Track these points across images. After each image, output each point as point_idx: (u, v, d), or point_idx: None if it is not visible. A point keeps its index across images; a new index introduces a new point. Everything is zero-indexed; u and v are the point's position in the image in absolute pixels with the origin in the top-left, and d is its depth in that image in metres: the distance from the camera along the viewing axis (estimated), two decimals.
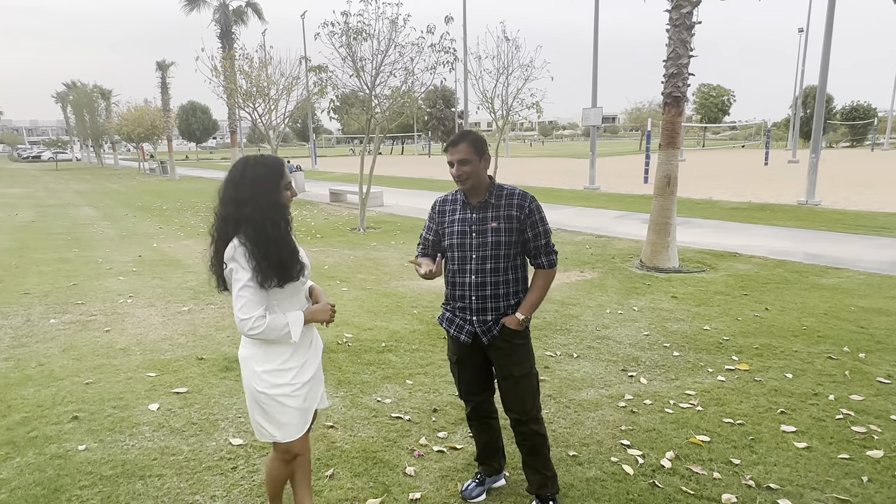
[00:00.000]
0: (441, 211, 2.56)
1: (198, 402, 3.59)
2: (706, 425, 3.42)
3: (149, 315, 5.53)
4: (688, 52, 7.36)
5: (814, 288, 6.53)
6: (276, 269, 1.96)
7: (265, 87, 15.87)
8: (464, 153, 2.38)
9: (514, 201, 2.44)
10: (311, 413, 2.18)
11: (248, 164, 2.03)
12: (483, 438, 2.73)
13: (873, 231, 10.11)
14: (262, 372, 2.06)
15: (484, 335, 2.46)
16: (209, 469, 2.85)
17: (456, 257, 2.48)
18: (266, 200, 1.98)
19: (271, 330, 1.97)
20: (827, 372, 4.19)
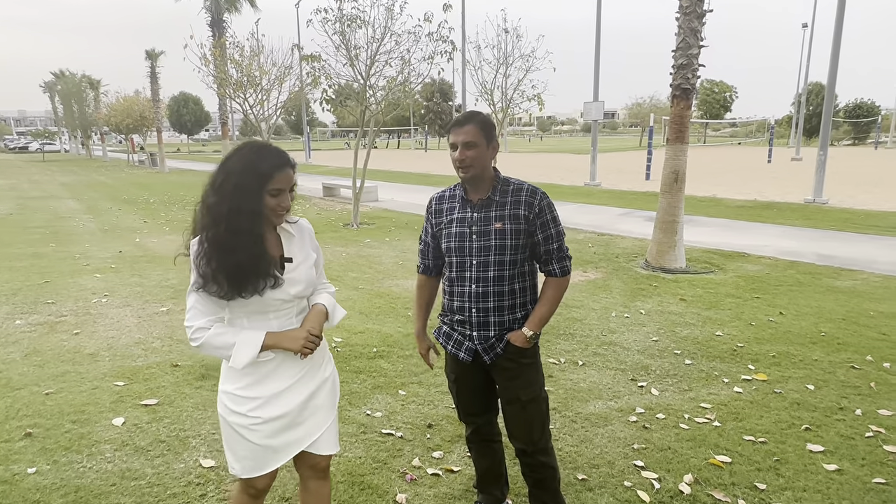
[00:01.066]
0: (437, 210, 2.24)
1: (168, 416, 3.31)
2: (725, 443, 3.16)
3: (123, 316, 5.23)
4: (698, 41, 7.08)
5: (829, 291, 6.29)
6: (221, 278, 1.65)
7: (256, 77, 15.53)
8: (470, 135, 2.05)
9: (521, 198, 2.12)
10: (285, 452, 1.83)
11: (239, 151, 1.72)
12: (484, 463, 2.45)
13: (885, 231, 9.88)
14: (222, 392, 1.80)
15: (486, 353, 2.16)
16: (174, 497, 2.56)
17: (455, 263, 2.17)
18: (234, 200, 1.64)
19: (212, 347, 1.69)
20: (851, 383, 3.94)
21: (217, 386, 1.80)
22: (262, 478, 1.84)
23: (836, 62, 13.33)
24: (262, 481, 1.85)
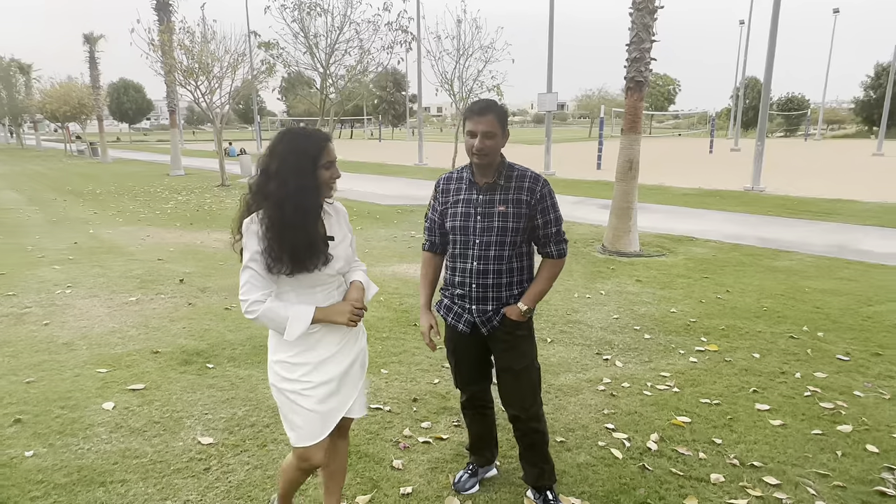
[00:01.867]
0: (445, 190, 2.37)
1: (158, 400, 3.35)
2: (685, 406, 3.48)
3: (92, 306, 5.14)
4: (650, 36, 7.45)
5: (769, 270, 6.81)
6: (288, 257, 1.78)
7: (208, 64, 15.12)
8: (491, 125, 2.15)
9: (524, 184, 2.25)
10: (331, 418, 1.96)
11: (285, 136, 1.86)
12: (477, 429, 2.62)
13: (817, 216, 10.68)
14: (274, 362, 1.93)
15: (483, 325, 2.31)
16: (178, 472, 2.64)
17: (458, 241, 2.31)
18: (293, 179, 1.78)
19: (268, 319, 1.82)
20: (790, 351, 4.36)
21: (202, 371, 1.88)
22: (317, 452, 1.95)
23: (772, 59, 14.17)
24: (317, 456, 1.96)
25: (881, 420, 3.31)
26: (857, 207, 11.63)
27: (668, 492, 2.62)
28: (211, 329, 4.62)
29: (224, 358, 4.02)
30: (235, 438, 2.95)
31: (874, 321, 5.00)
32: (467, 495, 2.57)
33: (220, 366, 3.89)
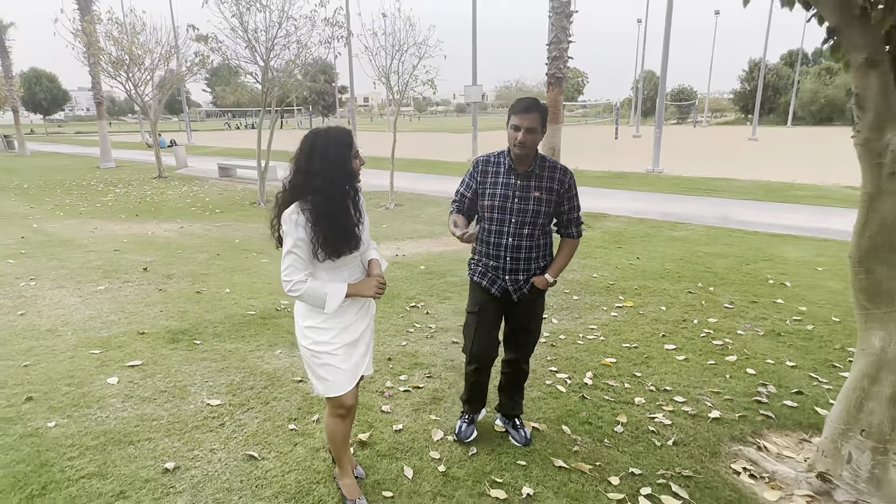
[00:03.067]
0: (484, 171, 2.51)
1: (158, 373, 3.48)
2: (611, 350, 4.03)
3: (63, 296, 5.04)
4: (567, 37, 8.01)
5: (669, 239, 7.64)
6: (331, 244, 1.97)
7: (139, 56, 14.31)
8: (533, 122, 2.31)
9: (556, 175, 2.46)
10: (356, 372, 2.17)
11: (319, 136, 2.00)
12: (475, 389, 2.79)
13: (706, 193, 11.84)
14: (305, 328, 2.12)
15: (515, 293, 2.52)
16: (197, 428, 2.85)
17: (495, 218, 2.47)
18: (337, 171, 1.96)
19: (309, 297, 2.01)
20: (689, 303, 5.06)
21: (192, 346, 1.92)
22: (347, 398, 2.16)
23: (667, 55, 15.31)
24: (348, 399, 2.16)
25: (757, 351, 4.01)
26: (736, 185, 12.97)
27: (604, 413, 3.14)
28: (188, 311, 4.70)
29: (209, 335, 4.16)
30: (240, 399, 3.17)
31: (751, 276, 5.84)
32: (452, 430, 2.95)
33: (206, 342, 4.03)
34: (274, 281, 5.66)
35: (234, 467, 2.52)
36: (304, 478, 2.46)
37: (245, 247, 7.31)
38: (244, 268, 6.22)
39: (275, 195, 2.09)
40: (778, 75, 49.97)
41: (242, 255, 6.87)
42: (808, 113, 45.99)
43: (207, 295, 5.17)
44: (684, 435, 2.91)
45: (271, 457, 2.61)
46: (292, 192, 2.00)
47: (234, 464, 2.55)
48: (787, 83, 48.13)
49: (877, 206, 2.23)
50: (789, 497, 2.43)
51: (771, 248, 7.07)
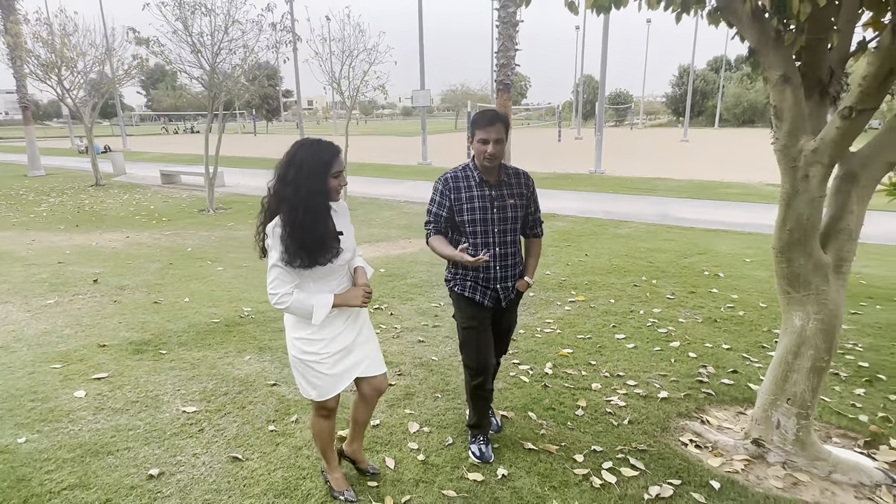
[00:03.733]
0: (455, 188, 2.52)
1: (127, 384, 3.44)
2: (567, 342, 4.30)
3: (9, 312, 4.82)
4: (514, 46, 8.33)
5: (614, 237, 8.08)
6: (304, 253, 1.98)
7: (72, 59, 13.61)
8: (500, 132, 2.38)
9: (521, 180, 2.58)
10: (345, 378, 2.22)
11: (301, 147, 2.03)
12: (483, 408, 2.75)
13: (645, 192, 12.52)
14: (295, 339, 2.16)
15: (505, 299, 2.62)
16: (176, 435, 2.86)
17: (478, 232, 2.52)
18: (306, 185, 1.96)
19: (296, 309, 2.05)
20: (635, 295, 5.42)
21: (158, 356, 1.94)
22: (331, 401, 2.24)
23: (605, 62, 16.03)
24: (331, 402, 2.25)
25: (697, 336, 4.38)
26: (672, 184, 13.78)
27: (565, 399, 3.37)
28: (149, 321, 4.62)
29: (174, 344, 4.12)
30: (215, 405, 3.20)
31: (689, 269, 6.31)
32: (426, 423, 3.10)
33: (172, 351, 4.00)
34: (234, 289, 5.62)
35: (220, 469, 2.57)
36: (291, 475, 2.55)
37: (199, 255, 7.17)
38: (201, 276, 6.12)
39: (261, 200, 2.10)
40: (705, 80, 53.05)
41: (197, 263, 6.75)
42: (733, 115, 49.09)
43: (166, 305, 5.08)
44: (637, 414, 3.18)
45: (255, 457, 2.68)
46: (273, 199, 2.04)
47: (218, 466, 2.60)
48: (713, 88, 51.15)
49: (793, 204, 2.56)
50: (729, 462, 2.74)
51: (705, 243, 7.63)
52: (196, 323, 4.60)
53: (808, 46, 2.55)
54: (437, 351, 4.11)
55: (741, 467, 2.70)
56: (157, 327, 4.48)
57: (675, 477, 2.59)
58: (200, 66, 10.06)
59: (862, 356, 3.99)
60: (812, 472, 2.64)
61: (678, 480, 2.56)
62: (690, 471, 2.64)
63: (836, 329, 2.62)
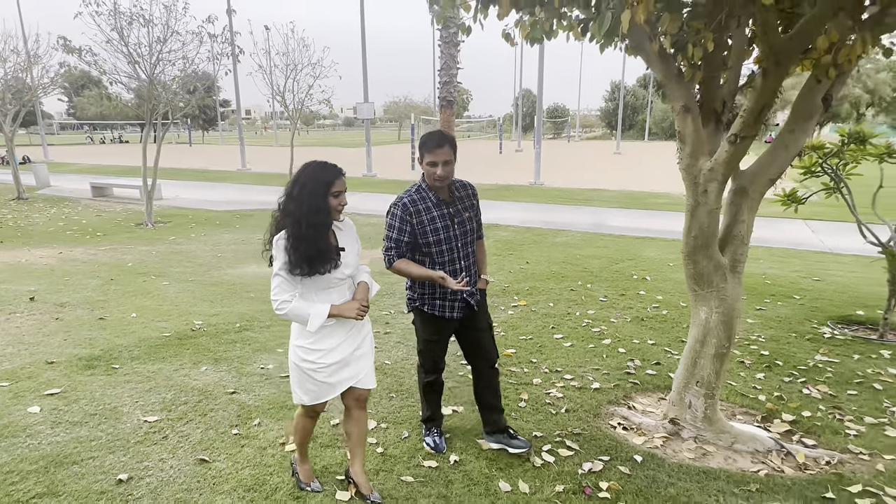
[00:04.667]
0: (416, 211, 2.63)
1: (82, 398, 3.46)
2: (510, 342, 4.65)
3: None
4: (456, 64, 8.76)
5: (553, 245, 8.60)
6: (305, 262, 2.17)
7: None
8: (447, 154, 2.54)
9: (468, 192, 2.78)
10: (339, 387, 2.37)
11: (307, 168, 2.23)
12: (436, 402, 3.03)
13: (581, 202, 13.26)
14: (297, 346, 2.33)
15: (476, 303, 2.82)
16: (140, 443, 2.95)
17: (444, 250, 2.67)
18: (309, 202, 2.16)
19: (294, 315, 2.21)
20: (572, 299, 5.88)
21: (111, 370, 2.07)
22: (321, 406, 2.42)
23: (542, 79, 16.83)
24: (320, 407, 2.44)
25: (626, 334, 4.85)
26: (606, 195, 14.65)
27: (509, 393, 3.70)
28: (96, 338, 4.59)
29: (126, 358, 4.14)
30: (177, 414, 3.29)
31: (620, 273, 6.86)
32: (383, 420, 3.33)
33: (125, 365, 4.02)
34: (182, 303, 5.63)
35: (188, 471, 2.70)
36: (258, 472, 2.72)
37: (141, 270, 7.06)
38: (146, 291, 6.06)
39: (271, 213, 2.29)
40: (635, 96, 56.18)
41: (140, 278, 6.65)
42: (661, 129, 52.21)
43: (112, 321, 5.04)
44: (573, 404, 3.56)
45: (222, 458, 2.82)
46: (281, 213, 2.23)
47: (187, 468, 2.73)
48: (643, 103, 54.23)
49: (696, 215, 3.02)
50: (651, 439, 3.14)
51: (635, 249, 8.27)
52: (146, 337, 4.61)
53: (705, 82, 3.03)
54: (390, 356, 4.35)
55: (660, 443, 3.11)
56: (106, 343, 4.47)
57: (604, 454, 2.96)
58: (137, 76, 9.86)
59: (764, 346, 4.58)
60: (718, 444, 3.09)
61: (607, 457, 2.93)
62: (618, 448, 3.02)
63: (734, 320, 3.09)
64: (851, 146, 4.70)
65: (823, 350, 4.49)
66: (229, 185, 17.62)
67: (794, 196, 5.13)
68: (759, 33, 2.51)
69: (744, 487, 2.68)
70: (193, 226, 10.53)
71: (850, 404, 3.58)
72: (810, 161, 4.95)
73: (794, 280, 6.62)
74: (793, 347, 4.56)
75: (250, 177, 20.24)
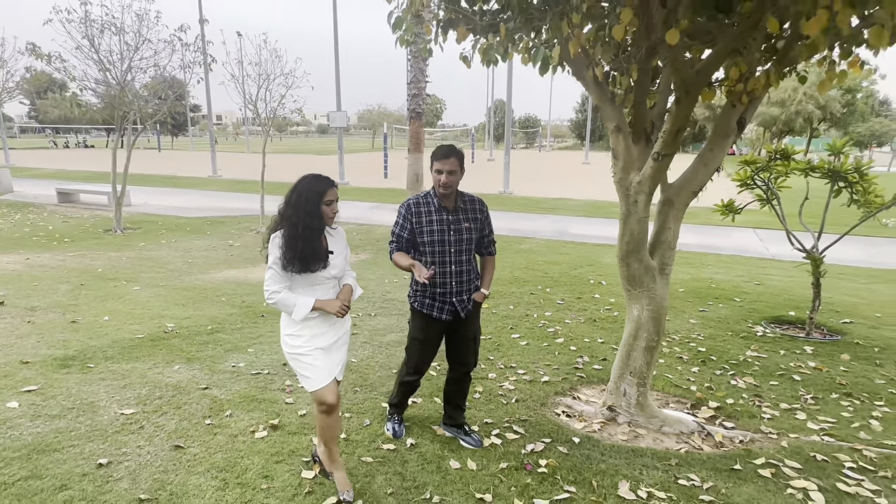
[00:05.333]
0: (417, 212, 2.90)
1: (59, 394, 3.63)
2: None
3: None
4: (424, 78, 9.11)
5: (517, 251, 8.99)
6: (298, 260, 2.44)
7: None
8: (454, 165, 2.79)
9: (475, 206, 3.00)
10: (330, 371, 2.59)
11: (304, 179, 2.52)
12: (407, 394, 3.29)
13: (546, 211, 13.75)
14: (285, 335, 2.59)
15: (463, 311, 2.98)
16: (118, 432, 3.16)
17: (436, 252, 2.89)
18: (304, 208, 2.44)
19: (282, 304, 2.48)
20: (531, 302, 6.25)
21: (86, 369, 2.23)
22: (328, 393, 2.56)
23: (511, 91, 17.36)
24: (329, 396, 2.56)
25: (579, 334, 5.23)
26: (571, 204, 15.19)
27: None
28: (69, 340, 4.73)
29: (101, 358, 4.31)
30: (152, 407, 3.51)
31: (578, 279, 7.28)
32: (347, 410, 3.61)
33: (100, 364, 4.20)
34: (154, 307, 5.79)
35: (165, 456, 2.93)
36: (230, 455, 2.97)
37: (111, 276, 7.16)
38: (117, 296, 6.19)
39: (272, 218, 2.58)
40: None
41: (110, 283, 6.76)
42: None
43: (85, 324, 5.18)
44: (523, 395, 3.89)
45: (196, 445, 3.06)
46: (280, 216, 2.52)
47: (163, 454, 2.96)
48: None
49: (628, 222, 3.40)
50: (590, 424, 3.50)
51: (594, 256, 8.72)
52: (120, 339, 4.78)
53: (635, 105, 3.43)
54: (356, 354, 4.63)
55: (598, 427, 3.47)
56: (80, 344, 4.62)
57: (547, 437, 3.30)
58: (108, 83, 9.92)
59: (701, 344, 5.01)
60: (648, 427, 3.47)
61: (549, 439, 3.27)
62: (559, 432, 3.37)
63: (662, 316, 3.48)
64: (778, 161, 5.21)
65: (754, 347, 4.94)
66: (200, 192, 17.58)
67: (731, 206, 5.62)
68: (671, 68, 2.92)
69: (665, 462, 3.05)
70: (164, 232, 10.59)
71: (770, 393, 4.02)
72: (745, 175, 5.45)
73: (737, 284, 7.13)
74: (727, 345, 5.00)
75: (221, 183, 20.20)
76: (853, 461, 3.07)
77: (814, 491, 2.78)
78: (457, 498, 2.70)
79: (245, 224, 11.51)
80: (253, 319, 5.50)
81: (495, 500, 2.68)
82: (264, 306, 5.89)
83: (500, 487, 2.79)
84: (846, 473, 2.95)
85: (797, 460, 3.07)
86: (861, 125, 42.58)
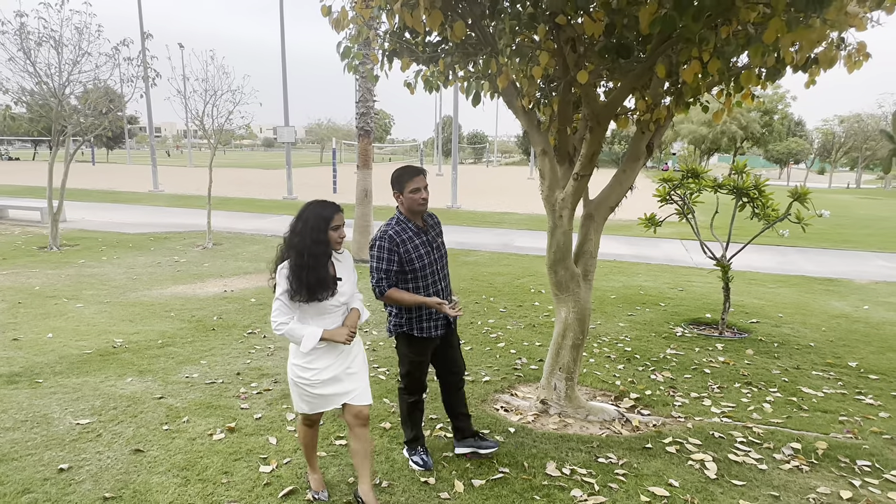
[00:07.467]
0: (401, 242, 2.86)
1: (11, 408, 3.67)
2: None
3: None
4: (372, 97, 9.45)
5: (463, 264, 9.41)
6: (305, 290, 2.44)
7: None
8: (426, 181, 2.89)
9: (436, 220, 3.12)
10: (332, 400, 2.61)
11: (309, 205, 2.53)
12: (419, 420, 3.23)
13: (493, 224, 14.30)
14: (293, 364, 2.60)
15: (452, 321, 3.13)
16: (76, 441, 3.27)
17: (427, 274, 2.92)
18: (311, 236, 2.44)
19: (290, 335, 2.49)
20: (476, 311, 6.64)
21: (35, 384, 2.36)
22: (317, 416, 2.71)
23: (457, 107, 17.96)
24: (316, 416, 2.72)
25: (519, 339, 5.65)
26: (515, 217, 15.84)
27: None
28: (13, 357, 4.71)
29: (49, 373, 4.34)
30: (108, 417, 3.62)
31: (520, 288, 7.75)
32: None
33: (49, 379, 4.24)
34: (99, 324, 5.79)
35: (125, 459, 3.08)
36: (189, 456, 3.15)
37: (50, 294, 7.03)
38: (59, 314, 6.13)
39: (277, 246, 2.57)
40: None
41: (50, 301, 6.66)
42: None
43: (28, 342, 5.15)
44: (466, 393, 4.24)
45: (155, 448, 3.22)
46: (286, 245, 2.52)
47: (123, 457, 3.10)
48: None
49: (555, 235, 3.85)
50: (525, 417, 3.89)
51: (535, 267, 9.25)
52: (67, 355, 4.80)
53: (559, 131, 3.90)
54: None
55: (532, 419, 3.86)
56: (25, 361, 4.62)
57: (485, 429, 3.66)
58: (44, 96, 9.70)
59: (628, 344, 5.54)
60: (576, 417, 3.89)
61: (487, 430, 3.63)
62: (497, 424, 3.74)
63: (586, 317, 3.93)
64: (690, 179, 5.87)
65: (673, 345, 5.52)
66: (141, 207, 17.12)
67: (653, 219, 6.24)
68: (583, 101, 3.40)
69: (588, 445, 3.47)
70: (104, 248, 10.35)
71: (684, 384, 4.55)
72: (664, 191, 6.09)
73: (662, 290, 7.81)
74: (650, 344, 5.56)
75: (163, 198, 19.71)
76: (744, 437, 3.59)
77: (709, 461, 3.27)
78: (404, 483, 3.00)
79: (190, 239, 11.40)
80: (204, 333, 5.61)
81: (438, 483, 3.00)
82: (215, 320, 6.00)
83: (442, 472, 3.11)
84: (737, 447, 3.46)
85: (699, 438, 3.56)
86: (779, 144, 46.25)
